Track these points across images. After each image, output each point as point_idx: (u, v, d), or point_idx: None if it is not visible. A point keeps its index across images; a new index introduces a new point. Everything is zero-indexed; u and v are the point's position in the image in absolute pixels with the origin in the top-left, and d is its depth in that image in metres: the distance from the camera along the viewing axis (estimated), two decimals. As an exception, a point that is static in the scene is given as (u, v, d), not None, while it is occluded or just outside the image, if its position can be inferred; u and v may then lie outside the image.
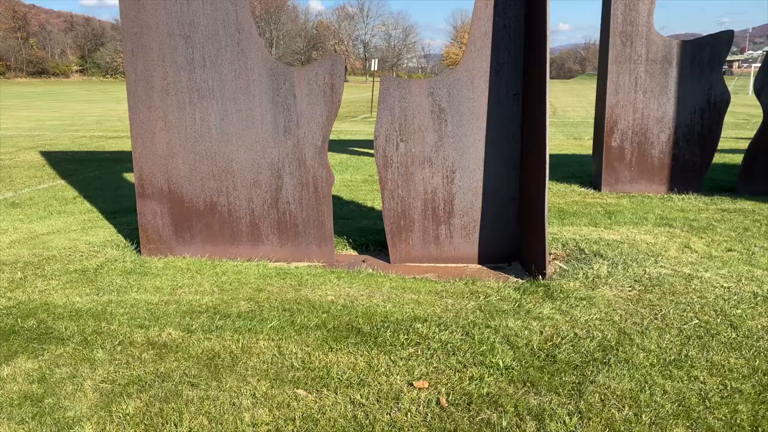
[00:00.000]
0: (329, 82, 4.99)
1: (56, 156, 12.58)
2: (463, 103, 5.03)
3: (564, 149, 13.49)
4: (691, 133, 7.76)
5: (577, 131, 18.07)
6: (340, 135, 17.16)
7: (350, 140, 15.91)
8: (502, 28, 4.92)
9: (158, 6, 4.93)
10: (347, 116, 26.21)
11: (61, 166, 11.17)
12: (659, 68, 7.61)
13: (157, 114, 5.11)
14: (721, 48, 7.53)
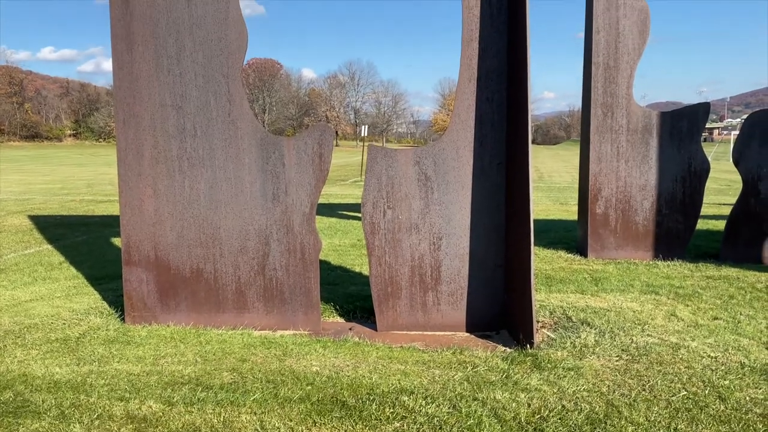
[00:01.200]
0: (318, 151, 5.09)
1: (44, 220, 12.55)
2: (449, 172, 5.12)
3: (550, 214, 13.64)
4: (673, 201, 7.91)
5: (563, 196, 18.33)
6: (330, 198, 17.30)
7: (339, 204, 16.03)
8: (485, 101, 5.08)
9: (151, 78, 5.06)
10: (337, 180, 26.50)
11: (48, 230, 11.13)
12: (640, 138, 7.82)
13: (146, 182, 5.16)
14: (698, 119, 7.78)
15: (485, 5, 5.00)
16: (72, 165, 38.69)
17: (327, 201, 16.60)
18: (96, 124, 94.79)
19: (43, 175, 28.99)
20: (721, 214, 12.51)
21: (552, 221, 12.32)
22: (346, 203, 16.40)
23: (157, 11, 5.01)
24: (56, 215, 13.52)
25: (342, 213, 14.09)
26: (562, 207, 15.40)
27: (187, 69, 5.04)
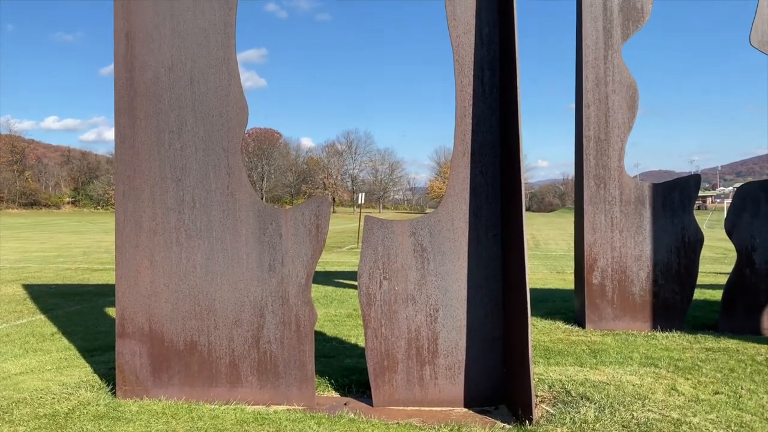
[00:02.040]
0: (315, 222, 5.14)
1: (39, 289, 12.47)
2: (445, 243, 5.16)
3: (548, 283, 13.61)
4: (669, 271, 7.93)
5: (559, 264, 18.33)
6: (326, 266, 17.26)
7: (336, 272, 15.98)
8: (480, 174, 5.18)
9: (152, 151, 5.17)
10: (334, 247, 26.53)
11: (42, 300, 11.03)
12: (633, 209, 7.92)
13: (143, 253, 5.18)
14: (690, 190, 7.91)
15: (478, 83, 5.18)
16: (69, 232, 38.73)
17: (323, 268, 16.57)
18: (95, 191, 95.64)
19: (40, 242, 28.98)
20: (718, 283, 12.50)
21: (549, 290, 12.28)
22: (343, 271, 16.37)
23: (161, 88, 5.17)
24: (51, 284, 13.44)
25: (338, 281, 14.04)
26: (559, 275, 15.38)
27: (188, 143, 5.16)
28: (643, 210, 7.92)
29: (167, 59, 5.16)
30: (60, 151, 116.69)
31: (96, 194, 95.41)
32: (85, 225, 49.75)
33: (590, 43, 7.82)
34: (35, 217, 68.37)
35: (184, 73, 5.16)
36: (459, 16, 5.22)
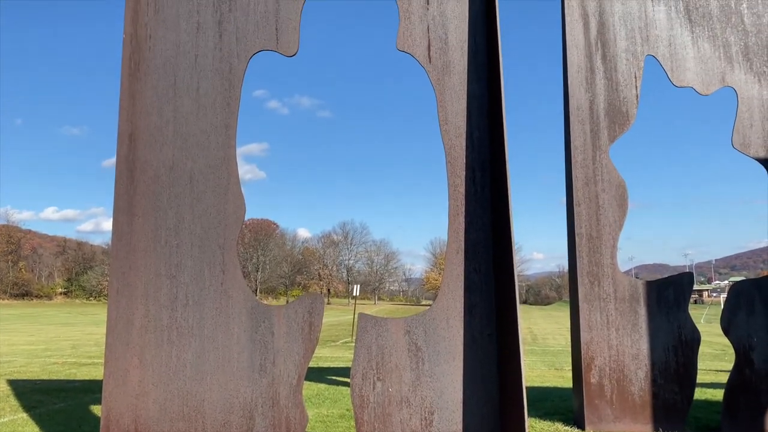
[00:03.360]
0: (308, 320, 5.10)
1: (23, 385, 12.10)
2: (440, 342, 5.11)
3: (545, 381, 13.30)
4: (667, 371, 7.79)
5: (557, 361, 18.00)
6: (319, 362, 16.89)
7: (329, 368, 15.62)
8: (474, 272, 5.22)
9: (149, 248, 5.21)
10: (328, 340, 26.07)
11: (26, 396, 10.68)
12: (628, 306, 7.90)
13: (133, 351, 5.10)
14: (683, 287, 7.92)
15: (470, 183, 5.33)
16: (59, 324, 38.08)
17: (316, 364, 16.21)
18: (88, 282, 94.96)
19: (29, 335, 28.43)
20: (719, 381, 12.24)
21: (547, 389, 11.99)
22: (336, 367, 16.00)
23: (161, 186, 5.29)
24: (36, 379, 13.07)
25: (331, 378, 13.70)
26: (557, 373, 15.06)
27: (185, 240, 5.21)
28: (639, 307, 7.90)
29: (168, 159, 5.31)
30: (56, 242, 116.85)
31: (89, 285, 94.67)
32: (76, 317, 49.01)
33: (578, 145, 8.10)
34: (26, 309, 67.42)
35: (184, 172, 5.30)
36: (450, 121, 5.44)
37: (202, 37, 5.44)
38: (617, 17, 7.87)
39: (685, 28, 7.87)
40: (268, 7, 5.51)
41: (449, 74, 5.54)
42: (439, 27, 5.58)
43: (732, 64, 7.72)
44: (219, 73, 5.42)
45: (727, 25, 7.81)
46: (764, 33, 7.66)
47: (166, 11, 5.45)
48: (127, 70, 5.40)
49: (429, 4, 5.58)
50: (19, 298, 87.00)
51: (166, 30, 5.43)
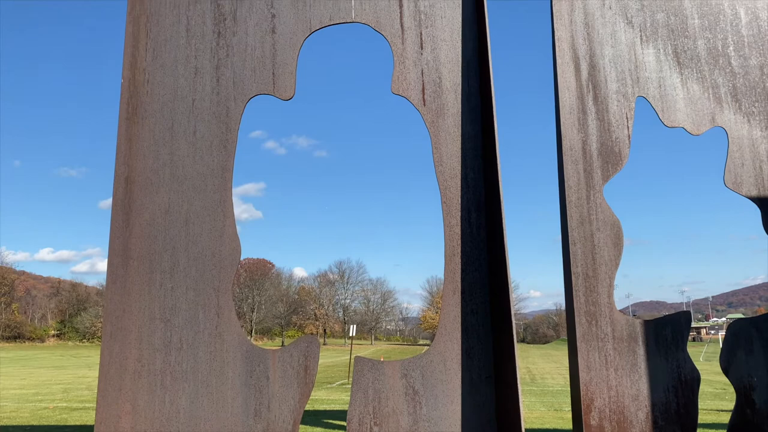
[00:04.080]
0: (303, 363, 5.04)
1: (12, 431, 11.85)
2: (437, 386, 5.05)
3: (545, 423, 13.10)
4: (668, 412, 7.69)
5: (557, 401, 17.75)
6: (315, 405, 16.61)
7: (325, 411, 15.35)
8: (471, 313, 5.19)
9: (143, 292, 5.17)
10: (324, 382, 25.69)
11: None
12: (626, 346, 7.84)
13: (126, 397, 5.01)
14: (681, 327, 7.88)
15: (465, 224, 5.35)
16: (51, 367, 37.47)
17: (312, 407, 15.94)
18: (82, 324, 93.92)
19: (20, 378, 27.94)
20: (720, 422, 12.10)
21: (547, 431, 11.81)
22: (333, 410, 15.74)
23: (156, 229, 5.28)
24: (26, 425, 12.80)
25: (328, 422, 13.47)
26: (557, 414, 14.85)
27: (179, 283, 5.18)
28: (637, 347, 7.84)
29: (164, 202, 5.32)
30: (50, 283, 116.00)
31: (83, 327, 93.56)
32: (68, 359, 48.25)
33: (572, 184, 8.16)
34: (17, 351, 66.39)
35: (180, 215, 5.30)
36: (445, 162, 5.49)
37: (200, 81, 5.52)
38: (607, 60, 8.04)
39: (674, 70, 8.03)
40: (264, 53, 5.61)
41: (443, 116, 5.62)
42: (433, 71, 5.68)
43: (721, 105, 7.86)
44: (216, 116, 5.48)
45: (715, 66, 7.97)
46: (751, 75, 7.82)
47: (164, 56, 5.54)
48: (124, 114, 5.46)
49: (423, 48, 5.69)
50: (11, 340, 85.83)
51: (164, 75, 5.51)
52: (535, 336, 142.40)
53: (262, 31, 5.64)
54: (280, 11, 5.66)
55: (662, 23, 8.06)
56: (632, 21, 8.10)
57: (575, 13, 8.12)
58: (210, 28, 5.62)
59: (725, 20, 7.85)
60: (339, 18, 5.67)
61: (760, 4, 7.69)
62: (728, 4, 7.85)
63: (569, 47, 8.20)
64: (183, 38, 5.58)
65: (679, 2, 8.05)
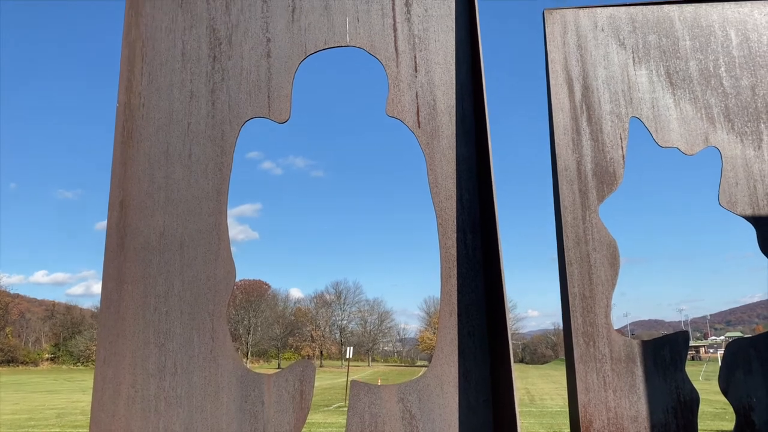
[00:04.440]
0: (299, 388, 4.99)
1: (3, 458, 11.67)
2: (434, 410, 4.99)
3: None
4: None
5: (555, 423, 17.60)
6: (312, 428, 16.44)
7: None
8: (467, 335, 5.15)
9: (137, 316, 5.13)
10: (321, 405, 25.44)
11: (6, 470, 10.28)
12: (625, 367, 7.79)
13: (119, 424, 4.94)
14: (679, 347, 7.85)
15: (461, 245, 5.34)
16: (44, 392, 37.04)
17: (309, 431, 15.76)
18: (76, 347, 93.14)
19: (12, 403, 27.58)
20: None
21: (546, 453, 11.69)
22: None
23: (150, 253, 5.26)
24: (17, 452, 12.61)
25: (325, 445, 13.30)
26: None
27: (174, 307, 5.15)
28: (635, 368, 7.80)
29: (159, 226, 5.30)
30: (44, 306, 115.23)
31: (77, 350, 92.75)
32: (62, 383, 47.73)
33: (568, 204, 8.18)
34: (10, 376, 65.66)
35: (174, 238, 5.28)
36: (440, 184, 5.50)
37: (195, 105, 5.53)
38: (600, 81, 8.10)
39: (666, 91, 8.09)
40: (260, 76, 5.64)
41: (438, 138, 5.64)
42: (428, 93, 5.71)
43: (714, 125, 7.91)
44: (211, 139, 5.49)
45: (707, 87, 8.04)
46: (743, 95, 7.89)
47: (160, 81, 5.56)
48: (120, 138, 5.46)
49: (417, 72, 5.73)
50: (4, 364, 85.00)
51: (159, 99, 5.53)
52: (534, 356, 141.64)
53: (257, 55, 5.67)
54: (275, 35, 5.70)
55: (654, 45, 8.14)
56: (624, 43, 8.18)
57: (568, 35, 8.21)
58: (205, 52, 5.65)
59: (716, 41, 7.94)
60: (334, 42, 5.72)
61: (749, 26, 7.79)
62: (719, 26, 7.94)
63: (562, 69, 8.27)
64: (178, 62, 5.61)
65: (670, 24, 8.14)
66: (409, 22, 5.78)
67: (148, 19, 5.68)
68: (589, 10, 8.26)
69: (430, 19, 5.78)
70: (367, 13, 5.76)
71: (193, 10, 5.72)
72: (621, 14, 8.20)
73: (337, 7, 5.75)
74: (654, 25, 8.20)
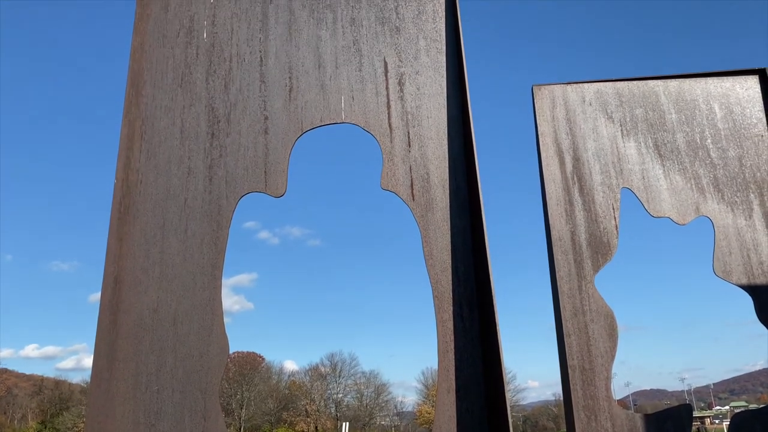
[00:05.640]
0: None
1: None
2: (433, 492, 4.81)
3: None
4: None
5: (561, 501, 16.94)
6: None
7: None
8: (466, 412, 5.04)
9: (128, 395, 5.01)
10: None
11: None
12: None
13: None
14: (682, 421, 7.67)
15: (458, 319, 5.29)
16: (27, 473, 35.55)
17: None
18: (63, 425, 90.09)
19: (-7, 486, 26.43)
20: None
21: None
22: None
23: (143, 329, 5.19)
24: None
25: None
26: None
27: (165, 385, 5.03)
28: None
29: (153, 301, 5.26)
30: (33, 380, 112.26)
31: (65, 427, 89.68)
32: (47, 463, 45.86)
33: (564, 275, 8.18)
34: (-7, 455, 63.14)
35: (168, 314, 5.23)
36: (435, 256, 5.51)
37: (193, 180, 5.61)
38: (590, 153, 8.28)
39: (655, 162, 8.25)
40: (257, 152, 5.74)
41: (432, 211, 5.70)
42: (421, 167, 5.81)
43: (704, 195, 8.03)
44: (207, 214, 5.53)
45: (695, 158, 8.21)
46: (731, 166, 8.05)
47: (158, 157, 5.65)
48: (116, 214, 5.50)
49: (410, 146, 5.86)
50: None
51: (157, 175, 5.60)
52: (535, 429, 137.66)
53: (255, 132, 5.80)
54: (272, 113, 5.85)
55: (641, 118, 8.36)
56: (612, 116, 8.41)
57: (557, 109, 8.44)
58: (204, 130, 5.78)
59: (701, 115, 8.18)
60: (329, 119, 5.86)
61: (732, 100, 8.04)
62: (702, 100, 8.20)
63: (553, 141, 8.46)
64: (177, 139, 5.72)
65: (656, 98, 8.40)
66: (402, 100, 5.95)
67: (149, 98, 5.83)
68: (577, 85, 8.54)
69: (422, 96, 5.96)
70: (362, 92, 5.94)
71: (192, 90, 5.89)
72: (608, 89, 8.47)
73: (332, 87, 5.94)
74: (640, 99, 8.46)
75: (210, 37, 6.06)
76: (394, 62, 6.04)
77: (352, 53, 6.06)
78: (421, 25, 6.16)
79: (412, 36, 6.13)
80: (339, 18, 6.16)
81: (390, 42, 6.10)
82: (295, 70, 6.00)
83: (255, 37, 6.08)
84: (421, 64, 6.06)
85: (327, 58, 6.04)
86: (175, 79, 5.93)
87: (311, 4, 6.20)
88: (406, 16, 6.18)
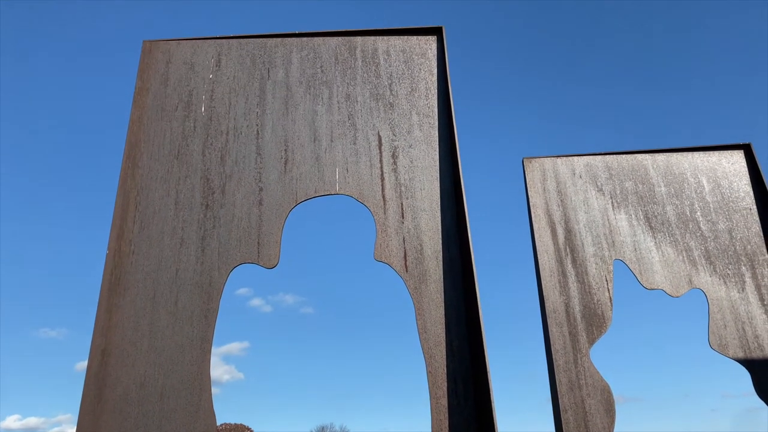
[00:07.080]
0: None
1: None
2: None
3: None
4: None
5: None
6: None
7: None
8: (461, 494, 4.85)
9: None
10: None
11: None
12: None
13: None
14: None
15: (452, 396, 5.17)
16: None
17: None
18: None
19: None
20: None
21: None
22: None
23: (129, 404, 5.03)
24: None
25: None
26: None
27: (149, 465, 4.84)
28: None
29: (140, 375, 5.13)
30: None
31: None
32: None
33: (559, 348, 8.07)
34: None
35: (155, 389, 5.09)
36: (429, 330, 5.44)
37: (185, 252, 5.58)
38: (582, 225, 8.34)
39: (647, 234, 8.31)
40: (251, 223, 5.76)
41: (426, 283, 5.67)
42: (414, 239, 5.82)
43: (696, 267, 8.05)
44: (198, 286, 5.48)
45: (686, 231, 8.28)
46: (721, 238, 8.12)
47: (151, 228, 5.65)
48: (107, 285, 5.44)
49: (404, 218, 5.89)
50: None
51: (149, 246, 5.58)
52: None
53: (249, 203, 5.83)
54: (267, 185, 5.91)
55: (631, 191, 8.48)
56: (602, 189, 8.53)
57: (547, 181, 8.57)
58: (198, 201, 5.80)
59: (690, 188, 8.31)
60: (324, 190, 5.92)
61: (719, 174, 8.21)
62: (690, 173, 8.35)
63: (544, 213, 8.54)
64: (171, 210, 5.74)
65: (645, 171, 8.55)
66: (395, 173, 6.03)
67: (145, 169, 5.89)
68: (566, 158, 8.70)
69: (415, 169, 6.04)
70: (356, 164, 6.03)
71: (189, 161, 5.96)
72: (597, 162, 8.64)
73: (327, 159, 6.03)
74: (629, 172, 8.61)
75: (208, 110, 6.19)
76: (388, 136, 6.16)
77: (347, 127, 6.19)
78: (414, 102, 6.32)
79: (405, 111, 6.28)
80: (335, 94, 6.33)
81: (384, 117, 6.25)
82: (291, 143, 6.11)
83: (252, 111, 6.21)
84: (414, 138, 6.18)
85: (322, 131, 6.16)
86: (172, 150, 6.01)
87: (308, 80, 6.38)
88: (400, 93, 6.35)
